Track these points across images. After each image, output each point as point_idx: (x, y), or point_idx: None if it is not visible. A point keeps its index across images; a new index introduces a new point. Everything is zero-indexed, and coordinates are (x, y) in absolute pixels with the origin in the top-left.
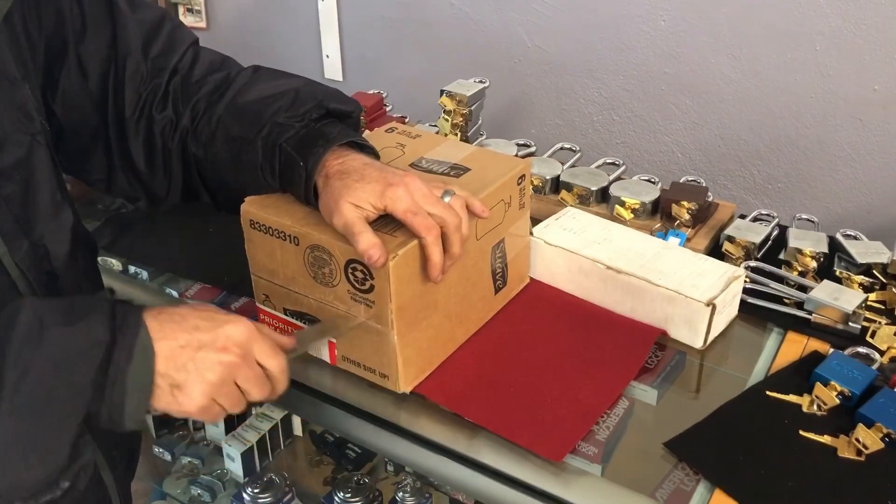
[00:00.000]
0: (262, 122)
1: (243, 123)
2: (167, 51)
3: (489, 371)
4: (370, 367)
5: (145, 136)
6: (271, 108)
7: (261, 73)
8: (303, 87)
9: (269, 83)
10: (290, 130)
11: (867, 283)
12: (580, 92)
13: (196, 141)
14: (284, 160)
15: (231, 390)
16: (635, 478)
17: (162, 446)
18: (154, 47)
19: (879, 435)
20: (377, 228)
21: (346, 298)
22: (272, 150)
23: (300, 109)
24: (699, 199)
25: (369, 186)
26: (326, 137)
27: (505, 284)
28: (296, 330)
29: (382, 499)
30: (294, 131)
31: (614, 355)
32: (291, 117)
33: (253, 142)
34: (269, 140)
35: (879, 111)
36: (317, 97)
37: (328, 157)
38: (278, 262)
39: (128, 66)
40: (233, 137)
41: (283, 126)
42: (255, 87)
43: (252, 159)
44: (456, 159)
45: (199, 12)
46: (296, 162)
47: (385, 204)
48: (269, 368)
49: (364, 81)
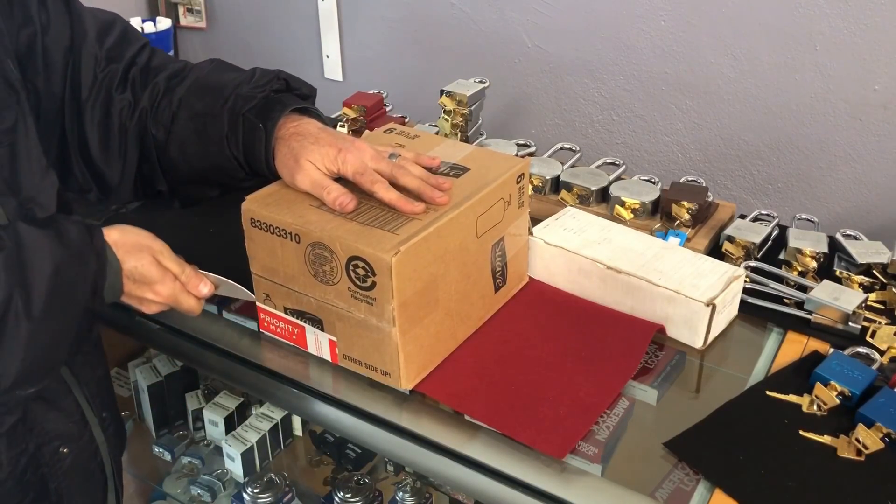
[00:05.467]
0: (224, 95)
1: (206, 99)
2: (121, 43)
3: (490, 369)
4: (371, 364)
5: (101, 118)
6: (233, 82)
7: (219, 62)
8: (264, 69)
9: (228, 69)
10: (251, 101)
11: (867, 283)
12: (580, 92)
13: (156, 122)
14: (247, 128)
15: None
16: (635, 478)
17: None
18: (108, 39)
19: (879, 435)
20: (378, 227)
21: (347, 296)
22: (236, 121)
23: (260, 81)
24: (699, 199)
25: (323, 150)
26: (284, 103)
27: (505, 283)
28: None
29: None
30: (255, 101)
31: (614, 352)
32: (254, 88)
33: (219, 114)
34: (234, 111)
35: (879, 111)
36: (274, 72)
37: (284, 121)
38: (279, 261)
39: (83, 52)
40: (198, 113)
41: (245, 97)
42: (215, 71)
43: (218, 131)
44: (455, 159)
45: (199, 12)
46: (256, 126)
47: (338, 167)
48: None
49: (364, 81)
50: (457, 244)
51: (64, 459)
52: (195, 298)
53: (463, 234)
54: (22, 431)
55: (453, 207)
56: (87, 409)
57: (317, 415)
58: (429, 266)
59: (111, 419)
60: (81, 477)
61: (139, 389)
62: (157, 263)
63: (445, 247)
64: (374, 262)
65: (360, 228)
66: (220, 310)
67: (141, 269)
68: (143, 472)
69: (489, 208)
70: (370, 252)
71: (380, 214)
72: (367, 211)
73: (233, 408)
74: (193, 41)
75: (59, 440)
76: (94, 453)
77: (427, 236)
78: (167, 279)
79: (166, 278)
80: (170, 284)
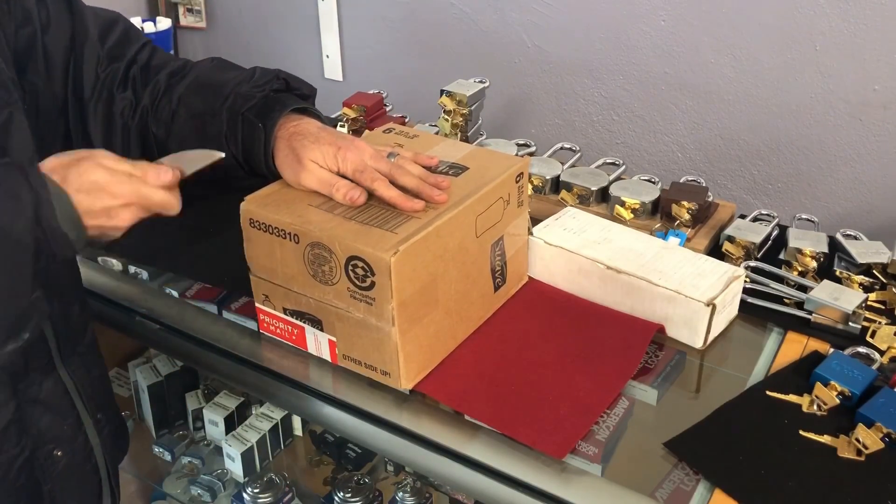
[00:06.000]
0: (224, 94)
1: (206, 98)
2: (123, 42)
3: (489, 369)
4: (371, 364)
5: (104, 116)
6: (233, 81)
7: (220, 61)
8: (261, 68)
9: (228, 68)
10: (251, 100)
11: (867, 283)
12: (580, 92)
13: (157, 120)
14: (246, 128)
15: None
16: (635, 478)
17: (162, 446)
18: (110, 38)
19: (879, 435)
20: (377, 226)
21: (346, 296)
22: (235, 120)
23: (260, 81)
24: (699, 199)
25: (324, 148)
26: (283, 103)
27: (504, 282)
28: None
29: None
30: (255, 101)
31: (613, 352)
32: (253, 87)
33: (218, 113)
34: (234, 110)
35: (879, 111)
36: (274, 72)
37: (284, 121)
38: (278, 261)
39: (86, 51)
40: (197, 112)
41: (245, 96)
42: (215, 70)
43: (217, 130)
44: (454, 158)
45: (199, 12)
46: (256, 126)
47: (338, 165)
48: None
49: (364, 81)
50: (456, 243)
51: (58, 462)
52: (163, 191)
53: (462, 233)
54: (16, 433)
55: (453, 206)
56: (82, 410)
57: (317, 415)
58: (428, 265)
59: (106, 421)
60: (76, 480)
61: (139, 389)
62: (102, 166)
63: (445, 246)
64: (374, 261)
65: (359, 228)
66: (220, 310)
67: (86, 176)
68: (143, 472)
69: (488, 207)
70: (369, 252)
71: (379, 213)
72: (367, 210)
73: (233, 408)
74: (193, 41)
75: (53, 443)
76: (88, 456)
77: (426, 235)
78: (120, 177)
79: (118, 176)
80: (126, 181)
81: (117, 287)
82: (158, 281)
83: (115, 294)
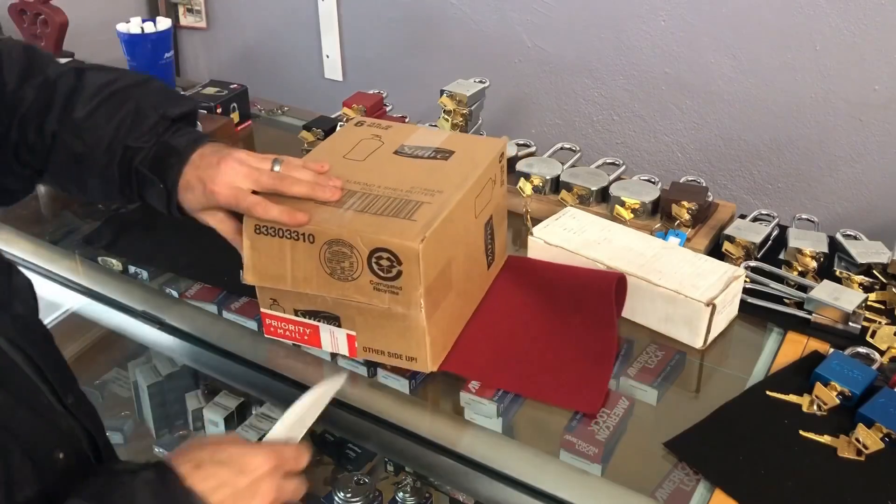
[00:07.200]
0: (108, 144)
1: (87, 142)
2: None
3: (501, 342)
4: (396, 352)
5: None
6: (112, 124)
7: (85, 78)
8: (140, 98)
9: (99, 94)
10: (141, 152)
11: (867, 283)
12: (580, 92)
13: (33, 155)
14: (140, 181)
15: None
16: (635, 478)
17: (162, 446)
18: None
19: (879, 435)
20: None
21: (368, 290)
22: (128, 173)
23: (145, 124)
24: (699, 199)
25: (196, 195)
26: (179, 153)
27: (493, 260)
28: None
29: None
30: (145, 152)
31: (590, 305)
32: (139, 138)
33: (107, 166)
34: (124, 164)
35: (879, 111)
36: (157, 108)
37: (185, 170)
38: (287, 265)
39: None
40: (78, 156)
41: (134, 150)
42: (85, 99)
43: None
44: (436, 144)
45: (199, 12)
46: (154, 182)
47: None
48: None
49: (364, 81)
50: (463, 226)
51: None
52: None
53: (467, 215)
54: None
55: (458, 190)
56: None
57: None
58: (445, 250)
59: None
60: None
61: (139, 389)
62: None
63: (456, 229)
64: (401, 251)
65: (376, 220)
66: (220, 310)
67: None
68: None
69: (482, 189)
70: (396, 242)
71: (387, 202)
72: (375, 201)
73: (233, 408)
74: (193, 41)
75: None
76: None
77: (444, 220)
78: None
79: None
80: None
81: (117, 287)
82: (158, 281)
83: (115, 294)
